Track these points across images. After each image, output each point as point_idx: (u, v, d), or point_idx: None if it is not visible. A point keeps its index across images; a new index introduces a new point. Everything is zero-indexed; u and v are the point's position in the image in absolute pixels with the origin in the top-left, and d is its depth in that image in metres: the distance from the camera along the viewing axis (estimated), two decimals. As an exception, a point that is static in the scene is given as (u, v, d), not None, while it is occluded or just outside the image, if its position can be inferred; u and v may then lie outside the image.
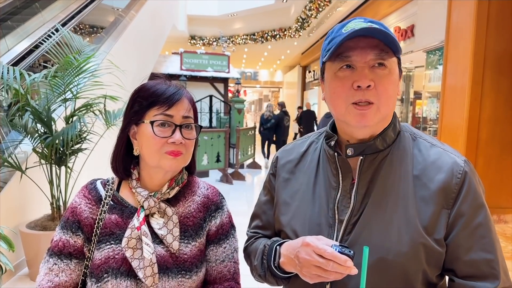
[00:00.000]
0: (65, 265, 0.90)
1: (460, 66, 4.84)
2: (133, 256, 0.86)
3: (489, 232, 0.77)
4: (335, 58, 0.78)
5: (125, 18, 6.51)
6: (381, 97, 0.76)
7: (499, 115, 4.73)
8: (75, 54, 2.99)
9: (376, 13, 7.96)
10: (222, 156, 7.34)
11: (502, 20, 4.59)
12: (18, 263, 3.09)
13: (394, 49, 0.77)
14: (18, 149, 3.31)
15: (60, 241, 0.91)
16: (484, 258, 0.75)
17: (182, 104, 0.92)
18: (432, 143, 0.84)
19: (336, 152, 0.85)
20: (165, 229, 0.90)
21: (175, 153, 0.89)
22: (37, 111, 2.86)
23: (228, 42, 14.66)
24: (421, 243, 0.74)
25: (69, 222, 0.92)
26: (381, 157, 0.82)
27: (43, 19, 5.00)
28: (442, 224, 0.76)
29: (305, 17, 11.14)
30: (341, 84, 0.77)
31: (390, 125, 0.83)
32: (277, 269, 0.85)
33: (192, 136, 0.93)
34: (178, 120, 0.91)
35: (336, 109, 0.81)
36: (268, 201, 1.01)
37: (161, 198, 0.93)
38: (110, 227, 0.90)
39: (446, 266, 0.78)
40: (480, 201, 0.78)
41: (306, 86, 16.55)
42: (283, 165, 0.98)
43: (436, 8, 5.58)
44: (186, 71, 10.79)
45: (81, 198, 0.94)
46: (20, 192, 3.18)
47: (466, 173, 0.78)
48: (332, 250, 0.70)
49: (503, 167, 4.80)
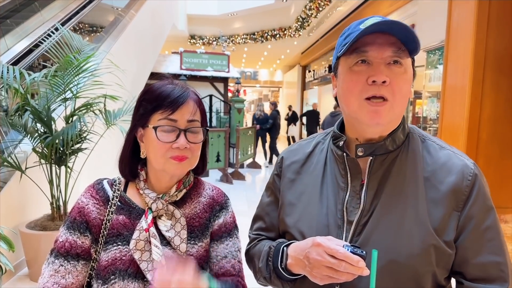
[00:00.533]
0: (72, 267, 0.88)
1: (460, 66, 4.84)
2: (142, 258, 0.85)
3: (498, 234, 0.77)
4: (351, 53, 0.77)
5: (125, 17, 6.50)
6: (395, 95, 0.75)
7: (500, 114, 4.73)
8: (75, 54, 2.98)
9: (376, 13, 7.96)
10: (222, 156, 7.33)
11: (503, 19, 4.59)
12: (18, 263, 3.08)
13: (412, 48, 0.76)
14: (18, 148, 3.30)
15: (67, 242, 0.88)
16: (493, 261, 0.75)
17: (187, 107, 0.90)
18: (441, 146, 0.85)
19: (344, 152, 0.85)
20: (172, 231, 0.90)
21: (180, 158, 0.88)
22: (37, 111, 2.85)
23: (228, 42, 14.66)
24: (432, 244, 0.74)
25: (77, 222, 0.90)
26: (390, 158, 0.82)
27: (42, 18, 4.99)
28: (452, 226, 0.76)
29: (305, 16, 11.13)
30: (356, 78, 0.77)
31: (400, 126, 0.83)
32: (283, 271, 0.84)
33: (198, 139, 0.92)
34: (183, 124, 0.89)
35: (348, 105, 0.80)
36: (271, 202, 0.99)
37: (169, 200, 0.92)
38: (118, 228, 0.89)
39: (454, 269, 0.78)
40: (489, 204, 0.78)
41: (306, 85, 16.55)
42: (289, 165, 0.97)
43: (436, 7, 5.58)
44: (186, 70, 10.77)
45: (89, 198, 0.92)
46: (20, 192, 3.17)
47: (476, 175, 0.78)
48: (345, 251, 0.69)
49: (503, 167, 4.80)
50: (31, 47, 4.19)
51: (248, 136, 8.54)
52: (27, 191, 3.22)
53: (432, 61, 5.98)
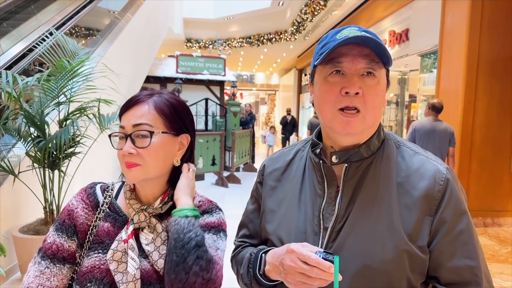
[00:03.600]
0: (58, 270, 0.87)
1: (453, 70, 4.89)
2: (117, 269, 0.83)
3: (472, 238, 0.77)
4: (327, 63, 0.79)
5: (121, 20, 6.50)
6: (367, 106, 0.77)
7: (493, 118, 4.77)
8: (68, 58, 2.98)
9: (371, 17, 8.01)
10: (218, 159, 7.33)
11: (495, 24, 4.64)
12: (11, 267, 3.06)
13: (385, 61, 0.78)
14: (11, 152, 3.29)
15: (54, 244, 0.88)
16: (467, 264, 0.75)
17: (134, 111, 0.88)
18: (415, 151, 0.85)
19: (321, 159, 0.86)
20: (152, 246, 0.87)
21: (130, 165, 0.85)
22: (30, 115, 2.85)
23: (224, 45, 14.68)
24: (405, 250, 0.74)
25: (65, 225, 0.90)
26: (365, 165, 0.83)
27: (38, 21, 4.98)
28: (426, 231, 0.76)
29: (301, 20, 11.18)
30: (330, 89, 0.78)
31: (375, 133, 0.84)
32: (262, 277, 0.85)
33: (144, 144, 0.85)
34: (129, 129, 0.86)
35: (323, 114, 0.82)
36: (255, 209, 1.00)
37: (152, 213, 0.90)
38: (101, 235, 0.88)
39: (430, 274, 0.78)
40: (462, 208, 0.78)
41: (302, 89, 16.59)
42: (270, 173, 0.98)
43: (430, 12, 5.63)
44: (182, 74, 10.78)
45: (79, 202, 0.92)
46: (13, 196, 3.16)
47: (448, 180, 0.78)
48: (316, 257, 0.70)
49: (497, 170, 4.84)
50: (26, 52, 4.18)
51: (243, 139, 8.54)
52: (20, 195, 3.21)
53: (426, 65, 6.03)
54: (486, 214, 4.83)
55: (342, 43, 0.75)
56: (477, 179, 4.81)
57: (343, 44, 0.75)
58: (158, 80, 10.72)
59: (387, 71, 0.82)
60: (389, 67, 0.81)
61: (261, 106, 28.77)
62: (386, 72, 0.82)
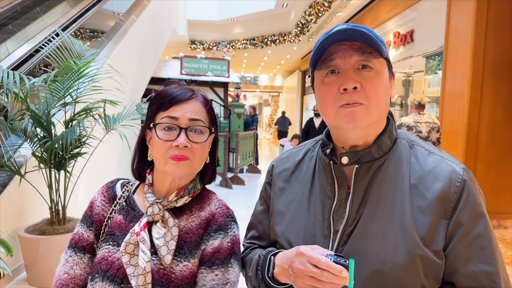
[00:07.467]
0: (79, 259, 0.90)
1: (459, 71, 4.86)
2: (130, 262, 0.82)
3: (490, 243, 0.73)
4: (321, 66, 0.78)
5: (126, 22, 6.54)
6: (370, 98, 0.75)
7: (499, 119, 4.74)
8: (75, 59, 3.00)
9: (375, 19, 8.00)
10: (222, 161, 7.32)
11: (501, 25, 4.62)
12: (17, 267, 3.07)
13: (378, 49, 0.75)
14: (17, 153, 3.31)
15: (77, 234, 0.92)
16: (484, 270, 0.71)
17: (189, 105, 0.88)
18: (430, 151, 0.82)
19: (331, 160, 0.83)
20: (162, 240, 0.85)
21: (179, 158, 0.85)
22: (37, 115, 2.86)
23: (228, 47, 14.70)
24: (419, 255, 0.71)
25: (87, 216, 0.94)
26: (377, 165, 0.80)
27: (43, 23, 5.02)
28: (441, 234, 0.72)
29: (305, 22, 11.18)
30: (328, 90, 0.77)
31: (386, 132, 0.81)
32: (271, 280, 0.82)
33: (201, 140, 0.88)
34: (184, 122, 0.86)
35: (326, 115, 0.80)
36: (264, 210, 0.98)
37: (167, 206, 0.89)
38: (114, 227, 0.90)
39: (445, 279, 0.75)
40: (480, 211, 0.74)
41: (306, 90, 16.58)
42: (279, 173, 0.96)
43: (435, 13, 5.61)
44: (186, 75, 10.80)
45: (99, 195, 0.96)
46: (19, 196, 3.17)
47: (465, 181, 0.75)
48: (327, 260, 0.68)
49: (503, 172, 4.80)
50: (32, 52, 4.21)
51: (247, 141, 8.54)
52: (26, 196, 3.22)
53: (431, 66, 6.00)
54: (492, 216, 4.75)
55: (329, 40, 0.75)
56: (483, 181, 4.77)
57: (331, 42, 0.75)
58: (162, 81, 10.74)
59: (388, 62, 0.80)
60: (385, 56, 0.78)
61: (265, 107, 28.75)
62: (387, 62, 0.79)
